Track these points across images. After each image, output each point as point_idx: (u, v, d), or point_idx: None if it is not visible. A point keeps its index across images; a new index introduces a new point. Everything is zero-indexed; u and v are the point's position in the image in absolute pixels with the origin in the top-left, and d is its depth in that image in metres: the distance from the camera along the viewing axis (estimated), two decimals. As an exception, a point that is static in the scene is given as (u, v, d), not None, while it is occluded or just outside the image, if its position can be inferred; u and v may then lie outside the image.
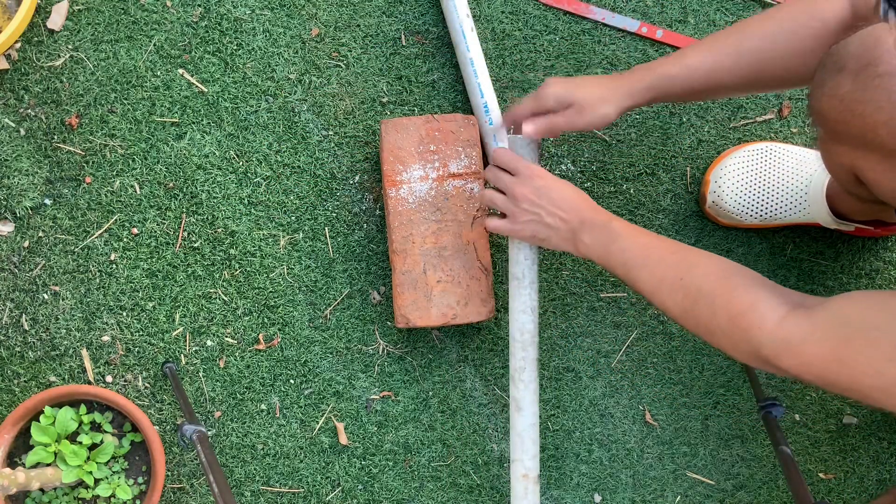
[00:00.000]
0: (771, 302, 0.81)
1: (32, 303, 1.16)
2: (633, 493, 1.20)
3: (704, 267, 0.88)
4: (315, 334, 1.18)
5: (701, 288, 0.86)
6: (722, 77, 0.96)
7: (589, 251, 0.96)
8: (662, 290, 0.89)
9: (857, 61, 0.79)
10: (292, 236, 1.18)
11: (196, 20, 1.18)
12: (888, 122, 0.78)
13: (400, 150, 1.12)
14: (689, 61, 0.97)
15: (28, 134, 1.17)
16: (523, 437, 1.06)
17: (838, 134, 0.84)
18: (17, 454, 1.13)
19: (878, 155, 0.81)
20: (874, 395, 0.72)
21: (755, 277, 0.86)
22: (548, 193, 0.98)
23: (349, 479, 1.18)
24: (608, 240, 0.94)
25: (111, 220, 1.17)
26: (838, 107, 0.82)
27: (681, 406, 1.20)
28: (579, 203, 0.97)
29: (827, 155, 0.91)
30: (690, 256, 0.90)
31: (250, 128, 1.18)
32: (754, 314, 0.81)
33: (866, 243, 1.21)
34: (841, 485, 1.21)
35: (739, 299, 0.83)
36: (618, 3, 1.22)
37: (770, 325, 0.80)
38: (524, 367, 1.06)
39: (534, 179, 0.98)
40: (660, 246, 0.92)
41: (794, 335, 0.78)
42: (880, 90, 0.77)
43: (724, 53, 0.95)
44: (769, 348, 0.79)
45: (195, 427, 1.02)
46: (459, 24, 1.15)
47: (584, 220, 0.96)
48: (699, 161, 1.21)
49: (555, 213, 0.97)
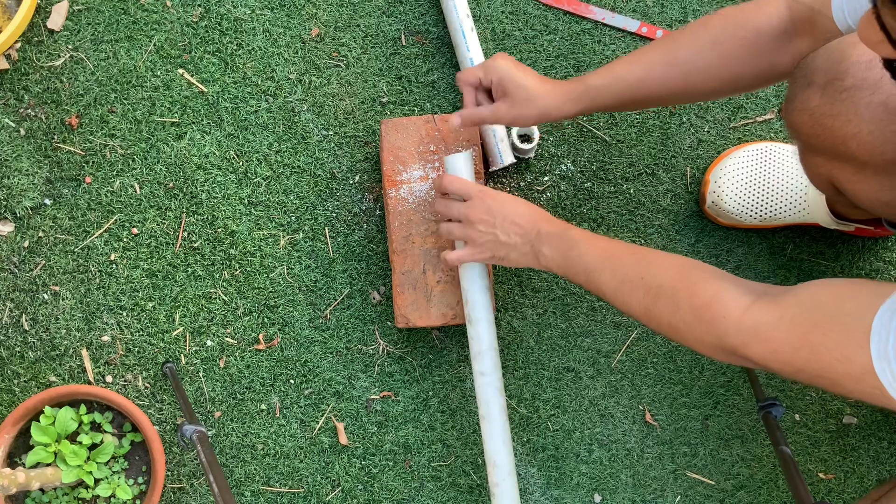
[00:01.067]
0: (734, 292, 0.79)
1: (32, 303, 1.16)
2: (633, 493, 1.20)
3: (663, 264, 0.86)
4: (315, 334, 1.18)
5: (662, 285, 0.84)
6: (651, 88, 0.94)
7: (549, 262, 0.95)
8: (623, 290, 0.87)
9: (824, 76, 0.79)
10: (292, 236, 1.18)
11: (196, 20, 1.18)
12: (857, 135, 0.78)
13: (400, 150, 1.12)
14: (618, 72, 0.95)
15: (28, 134, 1.17)
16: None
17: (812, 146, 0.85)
18: (17, 454, 1.13)
19: (852, 167, 0.82)
20: (844, 382, 0.70)
21: (715, 271, 0.84)
22: (501, 210, 0.97)
23: (349, 479, 1.18)
24: (566, 247, 0.93)
25: (111, 220, 1.17)
26: (808, 121, 0.82)
27: (681, 406, 1.20)
28: (533, 216, 0.96)
29: (806, 166, 0.91)
30: (649, 255, 0.89)
31: (250, 128, 1.18)
32: (718, 305, 0.78)
33: (866, 243, 1.21)
34: (841, 485, 1.21)
35: (702, 291, 0.80)
36: (618, 3, 1.22)
37: (735, 314, 0.77)
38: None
39: (485, 200, 0.97)
40: (618, 248, 0.91)
41: (762, 322, 0.75)
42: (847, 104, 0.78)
43: (654, 64, 0.94)
44: (735, 337, 0.77)
45: (195, 427, 1.02)
46: (459, 24, 1.15)
47: (540, 231, 0.95)
48: (699, 161, 1.21)
49: (510, 230, 0.96)
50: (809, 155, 0.88)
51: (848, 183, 0.84)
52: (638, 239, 1.20)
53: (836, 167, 0.84)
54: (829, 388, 0.72)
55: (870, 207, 0.85)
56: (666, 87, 0.94)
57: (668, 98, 0.96)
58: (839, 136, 0.79)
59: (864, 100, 0.77)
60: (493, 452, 1.05)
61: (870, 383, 0.67)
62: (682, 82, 0.93)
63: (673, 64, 0.92)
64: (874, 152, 0.78)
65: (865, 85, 0.77)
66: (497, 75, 0.98)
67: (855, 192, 0.84)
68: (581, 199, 1.21)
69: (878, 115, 0.76)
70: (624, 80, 0.95)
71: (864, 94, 0.77)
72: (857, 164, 0.81)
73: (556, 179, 1.21)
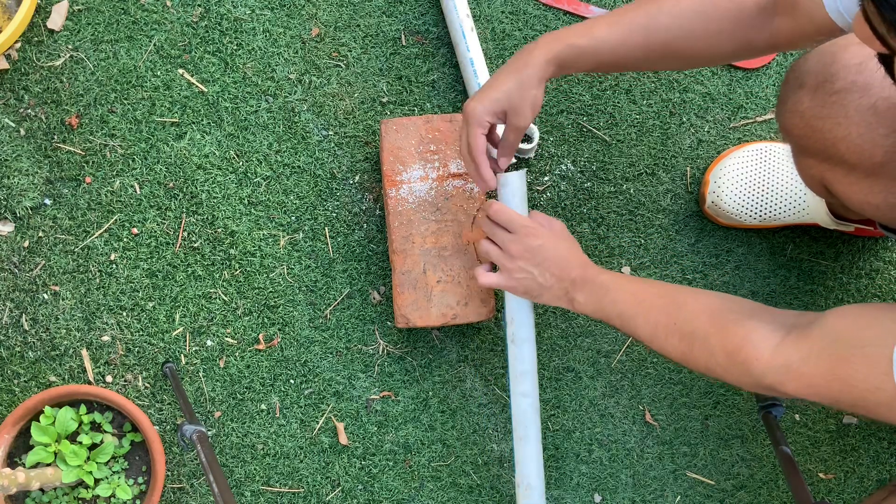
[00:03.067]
0: (763, 331, 0.81)
1: (32, 303, 1.16)
2: (633, 493, 1.20)
3: (693, 306, 0.88)
4: (315, 334, 1.18)
5: (695, 331, 0.86)
6: (631, 52, 0.92)
7: (584, 308, 0.96)
8: (659, 336, 0.90)
9: (815, 78, 0.80)
10: (292, 236, 1.18)
11: (196, 20, 1.18)
12: (846, 137, 0.78)
13: (400, 150, 1.12)
14: (598, 33, 0.92)
15: (28, 134, 1.17)
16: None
17: (804, 148, 0.85)
18: (17, 454, 1.13)
19: (843, 169, 0.82)
20: (880, 410, 0.72)
21: (743, 308, 0.85)
22: (542, 253, 0.98)
23: (349, 479, 1.18)
24: (600, 294, 0.95)
25: (111, 220, 1.17)
26: (799, 123, 0.82)
27: (681, 406, 1.20)
28: (571, 261, 0.98)
29: (798, 167, 0.91)
30: (679, 297, 0.90)
31: (250, 128, 1.18)
32: (750, 347, 0.81)
33: (866, 243, 1.21)
34: (841, 485, 1.21)
35: (733, 335, 0.82)
36: (617, 3, 1.22)
37: (767, 355, 0.79)
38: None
39: (529, 238, 0.98)
40: (648, 291, 0.92)
41: (792, 359, 0.77)
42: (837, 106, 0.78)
43: (634, 27, 0.91)
44: (771, 377, 0.79)
45: (195, 427, 1.02)
46: (459, 24, 1.15)
47: (574, 279, 0.96)
48: (699, 161, 1.21)
49: (548, 273, 0.98)
50: (801, 156, 0.88)
51: (839, 185, 0.84)
52: (638, 239, 1.20)
53: (828, 169, 0.84)
54: (868, 415, 0.75)
55: (860, 210, 0.85)
56: (645, 51, 0.92)
57: (647, 63, 0.95)
58: (829, 138, 0.80)
59: (854, 102, 0.77)
60: (528, 476, 1.05)
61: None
62: (662, 48, 0.91)
63: (654, 29, 0.90)
64: (863, 155, 0.78)
65: (855, 88, 0.77)
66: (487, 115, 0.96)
67: (845, 194, 0.84)
68: (581, 199, 1.21)
69: (868, 118, 0.76)
70: (604, 42, 0.92)
71: (854, 96, 0.77)
72: (847, 167, 0.81)
73: (556, 179, 1.21)
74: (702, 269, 1.21)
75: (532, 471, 1.05)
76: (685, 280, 1.21)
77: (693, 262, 1.21)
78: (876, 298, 1.22)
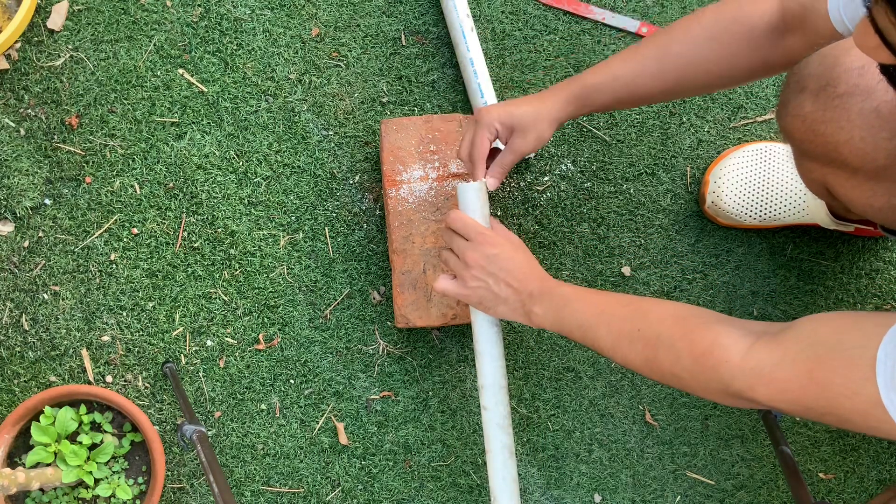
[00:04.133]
0: (733, 335, 0.78)
1: (32, 303, 1.16)
2: (633, 493, 1.20)
3: (659, 313, 0.85)
4: (315, 334, 1.18)
5: (660, 335, 0.83)
6: (646, 83, 0.94)
7: (542, 321, 0.94)
8: (622, 344, 0.86)
9: (817, 81, 0.79)
10: (292, 236, 1.18)
11: (196, 20, 1.18)
12: (849, 141, 0.78)
13: (400, 150, 1.12)
14: (614, 69, 0.95)
15: (28, 134, 1.17)
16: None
17: (806, 152, 0.85)
18: (17, 454, 1.13)
19: (845, 172, 0.82)
20: (853, 418, 0.68)
21: (710, 315, 0.83)
22: (498, 262, 0.96)
23: (349, 479, 1.18)
24: (559, 306, 0.92)
25: (111, 220, 1.17)
26: (801, 127, 0.82)
27: (681, 406, 1.20)
28: (529, 274, 0.96)
29: (800, 170, 0.91)
30: (643, 305, 0.88)
31: (250, 128, 1.18)
32: (719, 350, 0.77)
33: (866, 243, 1.21)
34: (841, 485, 1.21)
35: (700, 339, 0.79)
36: (618, 3, 1.22)
37: (737, 358, 0.76)
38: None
39: (486, 247, 0.96)
40: (611, 301, 0.90)
41: (765, 362, 0.74)
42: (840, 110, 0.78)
43: (648, 59, 0.93)
44: (740, 381, 0.76)
45: (195, 427, 1.02)
46: (459, 24, 1.15)
47: (532, 291, 0.94)
48: (699, 161, 1.21)
49: (503, 283, 0.96)
50: (803, 160, 0.88)
51: (841, 188, 0.84)
52: (638, 239, 1.20)
53: (830, 172, 0.84)
54: (837, 425, 0.71)
55: (862, 212, 0.85)
56: (661, 82, 0.94)
57: (664, 93, 0.96)
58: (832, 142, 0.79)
59: (857, 106, 0.76)
60: (494, 489, 1.03)
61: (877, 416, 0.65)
62: (677, 76, 0.93)
63: (667, 59, 0.92)
64: (866, 158, 0.78)
65: (858, 91, 0.76)
66: (497, 123, 0.99)
67: (848, 197, 0.84)
68: (581, 199, 1.21)
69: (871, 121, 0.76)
70: (619, 77, 0.95)
71: (857, 100, 0.76)
72: (850, 170, 0.81)
73: (556, 179, 1.21)
74: (702, 269, 1.21)
75: (497, 485, 1.02)
76: (685, 280, 1.21)
77: (693, 262, 1.21)
78: (876, 298, 1.22)
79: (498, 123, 0.98)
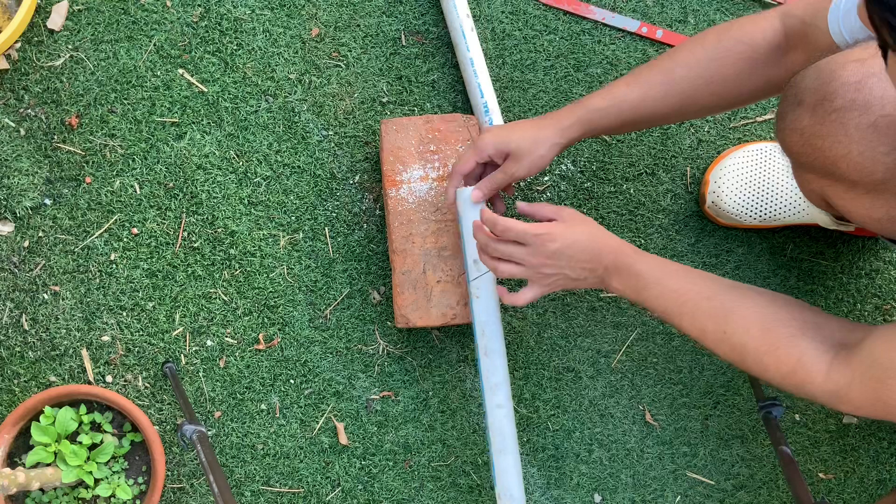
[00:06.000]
0: (814, 353, 0.83)
1: (32, 303, 1.16)
2: (633, 493, 1.20)
3: (743, 317, 0.88)
4: (315, 334, 1.18)
5: (745, 345, 0.87)
6: (652, 107, 0.95)
7: (622, 294, 0.96)
8: (707, 340, 0.90)
9: (814, 95, 0.79)
10: (292, 236, 1.18)
11: (196, 20, 1.18)
12: (846, 155, 0.78)
13: (400, 150, 1.12)
14: (618, 92, 0.96)
15: (28, 134, 1.17)
16: None
17: (803, 165, 0.85)
18: (17, 454, 1.13)
19: (843, 185, 0.82)
20: None
21: (793, 320, 0.86)
22: (564, 253, 0.95)
23: (349, 479, 1.18)
24: (638, 287, 0.94)
25: (111, 220, 1.17)
26: (799, 140, 0.82)
27: (681, 406, 1.20)
28: (598, 250, 0.95)
29: (798, 181, 0.91)
30: (727, 303, 0.89)
31: (250, 128, 1.18)
32: (803, 372, 0.83)
33: (866, 243, 1.21)
34: (841, 485, 1.21)
35: (786, 357, 0.84)
36: (618, 3, 1.22)
37: (819, 380, 0.82)
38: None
39: (545, 245, 0.95)
40: (692, 291, 0.91)
41: (840, 385, 0.81)
42: (836, 124, 0.78)
43: (653, 83, 0.94)
44: (823, 399, 0.83)
45: (195, 427, 1.02)
46: (459, 24, 1.15)
47: (607, 266, 0.95)
48: (699, 161, 1.21)
49: (577, 268, 0.96)
50: (801, 171, 0.88)
51: (840, 200, 0.84)
52: (638, 239, 1.20)
53: (828, 185, 0.84)
54: None
55: (862, 224, 0.86)
56: (665, 104, 0.95)
57: (669, 116, 0.98)
58: (829, 156, 0.80)
59: (854, 121, 0.77)
60: (510, 487, 1.05)
61: None
62: (682, 98, 0.94)
63: (671, 81, 0.94)
64: (864, 172, 0.78)
65: (854, 106, 0.76)
66: (491, 148, 1.00)
67: (846, 209, 0.84)
68: (581, 199, 1.21)
69: (868, 136, 0.76)
70: (624, 101, 0.96)
71: (854, 115, 0.77)
72: (848, 184, 0.81)
73: (556, 179, 1.21)
74: (702, 268, 1.21)
75: (513, 482, 1.05)
76: (685, 280, 1.21)
77: (693, 262, 1.21)
78: (876, 298, 1.22)
79: (492, 149, 1.00)
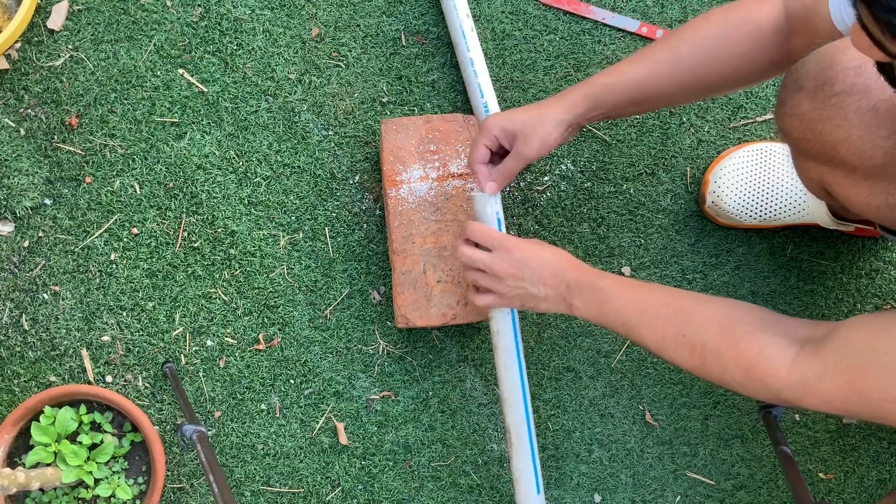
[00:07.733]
0: (777, 346, 0.80)
1: (32, 303, 1.16)
2: (633, 493, 1.20)
3: (701, 316, 0.86)
4: (315, 334, 1.18)
5: (706, 344, 0.85)
6: (658, 85, 0.94)
7: (584, 314, 0.94)
8: (667, 347, 0.88)
9: (814, 80, 0.79)
10: (292, 236, 1.18)
11: (196, 20, 1.18)
12: (846, 140, 0.78)
13: (400, 150, 1.12)
14: (624, 70, 0.95)
15: (28, 134, 1.17)
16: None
17: (803, 151, 0.85)
18: (17, 454, 1.13)
19: (843, 171, 0.82)
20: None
21: (753, 318, 0.84)
22: (527, 264, 0.95)
23: (349, 479, 1.18)
24: (599, 301, 0.92)
25: (111, 220, 1.17)
26: (799, 126, 0.82)
27: (681, 406, 1.20)
28: (560, 267, 0.95)
29: (798, 169, 0.91)
30: (686, 307, 0.88)
31: (250, 128, 1.18)
32: (766, 364, 0.80)
33: (866, 243, 1.21)
34: (841, 485, 1.21)
35: (747, 350, 0.81)
36: (618, 3, 1.22)
37: (783, 372, 0.79)
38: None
39: (511, 252, 0.95)
40: (651, 298, 0.90)
41: (808, 376, 0.77)
42: (837, 109, 0.78)
43: (659, 61, 0.94)
44: (788, 393, 0.79)
45: (195, 427, 1.02)
46: (459, 24, 1.15)
47: (569, 283, 0.94)
48: (699, 161, 1.21)
49: (539, 282, 0.95)
50: (801, 159, 0.88)
51: (839, 187, 0.84)
52: (638, 239, 1.20)
53: (827, 171, 0.84)
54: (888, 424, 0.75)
55: (861, 212, 0.85)
56: (672, 82, 0.94)
57: (676, 95, 0.96)
58: (829, 140, 0.80)
59: (854, 105, 0.77)
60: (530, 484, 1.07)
61: None
62: (688, 76, 0.93)
63: (678, 60, 0.93)
64: (863, 157, 0.78)
65: (854, 90, 0.77)
66: (496, 129, 0.98)
67: (846, 196, 0.84)
68: (581, 199, 1.21)
69: (868, 120, 0.76)
70: (630, 77, 0.95)
71: (854, 99, 0.77)
72: (848, 169, 0.81)
73: (556, 179, 1.21)
74: (702, 269, 1.21)
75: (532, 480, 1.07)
76: (685, 280, 1.21)
77: (693, 262, 1.21)
78: (876, 298, 1.22)
79: (498, 130, 0.98)
